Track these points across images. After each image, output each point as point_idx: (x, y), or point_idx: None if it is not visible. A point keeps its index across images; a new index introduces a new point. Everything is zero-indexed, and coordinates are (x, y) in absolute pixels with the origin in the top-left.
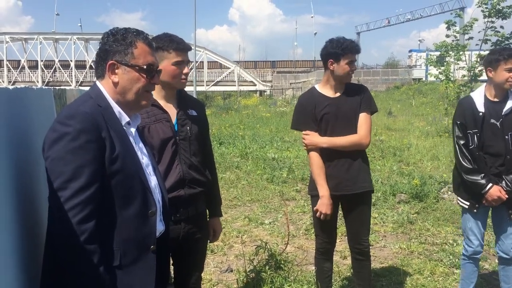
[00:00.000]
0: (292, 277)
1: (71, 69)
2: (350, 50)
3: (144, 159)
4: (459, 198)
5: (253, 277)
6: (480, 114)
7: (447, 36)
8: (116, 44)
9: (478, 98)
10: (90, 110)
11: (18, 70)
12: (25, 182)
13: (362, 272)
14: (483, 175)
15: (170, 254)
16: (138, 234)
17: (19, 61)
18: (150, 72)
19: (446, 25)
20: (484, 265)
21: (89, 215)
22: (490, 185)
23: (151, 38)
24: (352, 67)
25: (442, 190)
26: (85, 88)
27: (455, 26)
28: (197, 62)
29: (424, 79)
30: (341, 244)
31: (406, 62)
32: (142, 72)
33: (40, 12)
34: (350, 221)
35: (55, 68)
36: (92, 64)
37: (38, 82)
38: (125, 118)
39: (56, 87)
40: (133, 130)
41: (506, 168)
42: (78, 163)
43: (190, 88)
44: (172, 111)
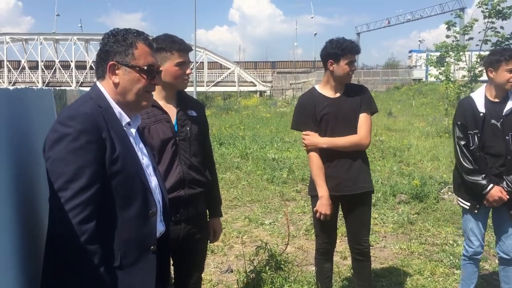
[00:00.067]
0: (292, 278)
1: (72, 70)
2: (350, 51)
3: (145, 160)
4: (460, 199)
5: (253, 278)
6: (481, 115)
7: (447, 37)
8: (117, 45)
9: (479, 99)
10: (91, 111)
11: (19, 71)
12: (26, 183)
13: (362, 273)
14: (484, 176)
15: (171, 255)
16: (139, 235)
17: (20, 62)
18: (151, 73)
19: (446, 26)
20: (485, 266)
21: (90, 216)
22: (491, 186)
23: (152, 39)
24: (352, 68)
25: (442, 191)
26: (86, 89)
27: (455, 27)
28: (197, 63)
29: (424, 80)
30: (341, 245)
31: (406, 63)
32: (143, 73)
33: (41, 13)
34: (350, 222)
35: (56, 69)
36: (93, 65)
37: (39, 83)
38: (126, 119)
39: (57, 88)
40: (133, 131)
41: (507, 169)
42: (79, 164)
43: (191, 89)
44: (172, 112)
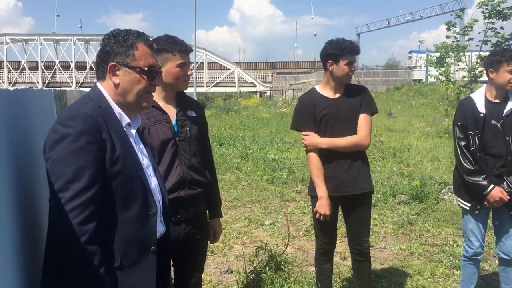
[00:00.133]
0: (292, 278)
1: (72, 70)
2: (349, 51)
3: (145, 160)
4: (460, 200)
5: (253, 278)
6: (481, 115)
7: (447, 37)
8: (117, 46)
9: (479, 99)
10: (91, 112)
11: (19, 71)
12: (26, 183)
13: (362, 273)
14: (485, 176)
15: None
16: (139, 235)
17: (20, 62)
18: (151, 74)
19: (446, 26)
20: (485, 266)
21: (90, 217)
22: (492, 187)
23: (152, 40)
24: (352, 68)
25: (442, 191)
26: (86, 89)
27: (455, 27)
28: (198, 63)
29: (424, 80)
30: (341, 245)
31: (406, 63)
32: (143, 74)
33: (41, 13)
34: (350, 222)
35: (56, 69)
36: (93, 65)
37: (39, 83)
38: (126, 120)
39: (57, 88)
40: (134, 132)
41: (507, 169)
42: (79, 165)
43: (191, 89)
44: (172, 112)
